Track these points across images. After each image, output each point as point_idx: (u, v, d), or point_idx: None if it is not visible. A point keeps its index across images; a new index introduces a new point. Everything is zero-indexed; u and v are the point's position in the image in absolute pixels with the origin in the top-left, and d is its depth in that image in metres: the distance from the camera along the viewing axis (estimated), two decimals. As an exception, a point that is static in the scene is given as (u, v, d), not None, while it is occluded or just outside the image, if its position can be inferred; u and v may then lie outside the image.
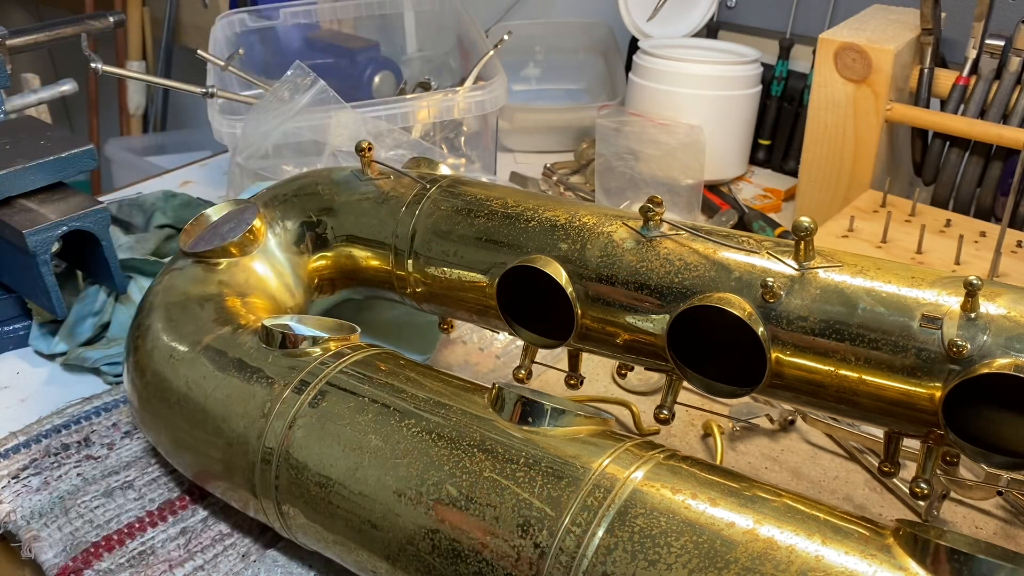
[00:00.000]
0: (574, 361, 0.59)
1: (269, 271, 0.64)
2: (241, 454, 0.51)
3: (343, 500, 0.47)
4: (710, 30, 1.26)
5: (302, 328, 0.55)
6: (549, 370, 0.73)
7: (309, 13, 1.18)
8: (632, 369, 0.62)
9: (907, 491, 0.53)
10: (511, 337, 0.71)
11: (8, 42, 0.84)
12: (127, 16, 1.92)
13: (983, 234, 0.84)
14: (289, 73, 0.88)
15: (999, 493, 0.58)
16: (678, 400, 0.54)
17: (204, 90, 0.94)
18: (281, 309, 0.63)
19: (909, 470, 0.52)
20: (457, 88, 0.99)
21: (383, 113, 0.90)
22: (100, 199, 0.80)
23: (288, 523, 0.51)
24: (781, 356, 0.47)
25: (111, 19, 1.03)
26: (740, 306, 0.47)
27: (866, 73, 0.89)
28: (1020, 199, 0.87)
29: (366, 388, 0.50)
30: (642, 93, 1.10)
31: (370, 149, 0.65)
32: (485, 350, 0.78)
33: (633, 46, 1.25)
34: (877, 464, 0.52)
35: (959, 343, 0.42)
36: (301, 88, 0.87)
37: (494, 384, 0.49)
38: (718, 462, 0.64)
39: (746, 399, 0.68)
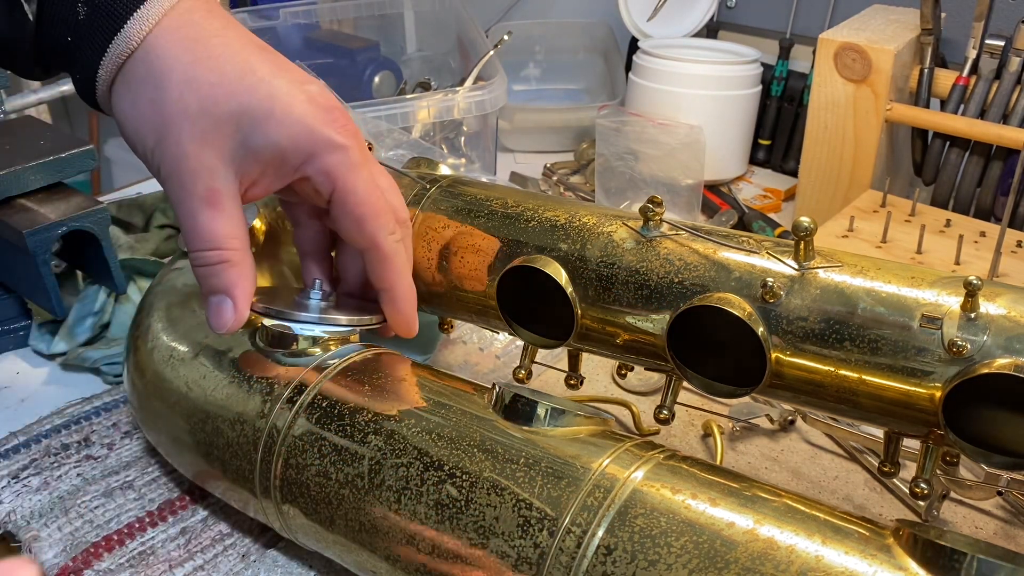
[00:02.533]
0: (574, 361, 0.59)
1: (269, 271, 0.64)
2: (241, 454, 0.51)
3: (343, 500, 0.47)
4: (710, 30, 1.26)
5: (302, 328, 0.55)
6: (549, 370, 0.73)
7: (309, 13, 1.18)
8: (632, 369, 0.62)
9: (907, 491, 0.53)
10: (511, 337, 0.71)
11: (8, 42, 0.83)
12: (127, 16, 1.92)
13: (983, 234, 0.84)
14: (289, 73, 0.88)
15: (999, 493, 0.58)
16: (678, 400, 0.54)
17: (204, 90, 0.94)
18: (281, 309, 0.63)
19: (909, 470, 0.52)
20: (457, 88, 0.99)
21: (383, 113, 0.90)
22: (100, 199, 0.80)
23: (288, 523, 0.51)
24: (781, 356, 0.47)
25: (111, 19, 1.03)
26: (740, 306, 0.47)
27: (866, 73, 0.89)
28: (1020, 199, 0.87)
29: (366, 388, 0.50)
30: (642, 93, 1.10)
31: (370, 149, 0.65)
32: (485, 350, 0.78)
33: (633, 46, 1.25)
34: (877, 464, 0.52)
35: (959, 343, 0.42)
36: (301, 88, 0.87)
37: (494, 384, 0.49)
38: (718, 462, 0.64)
39: (746, 399, 0.68)
